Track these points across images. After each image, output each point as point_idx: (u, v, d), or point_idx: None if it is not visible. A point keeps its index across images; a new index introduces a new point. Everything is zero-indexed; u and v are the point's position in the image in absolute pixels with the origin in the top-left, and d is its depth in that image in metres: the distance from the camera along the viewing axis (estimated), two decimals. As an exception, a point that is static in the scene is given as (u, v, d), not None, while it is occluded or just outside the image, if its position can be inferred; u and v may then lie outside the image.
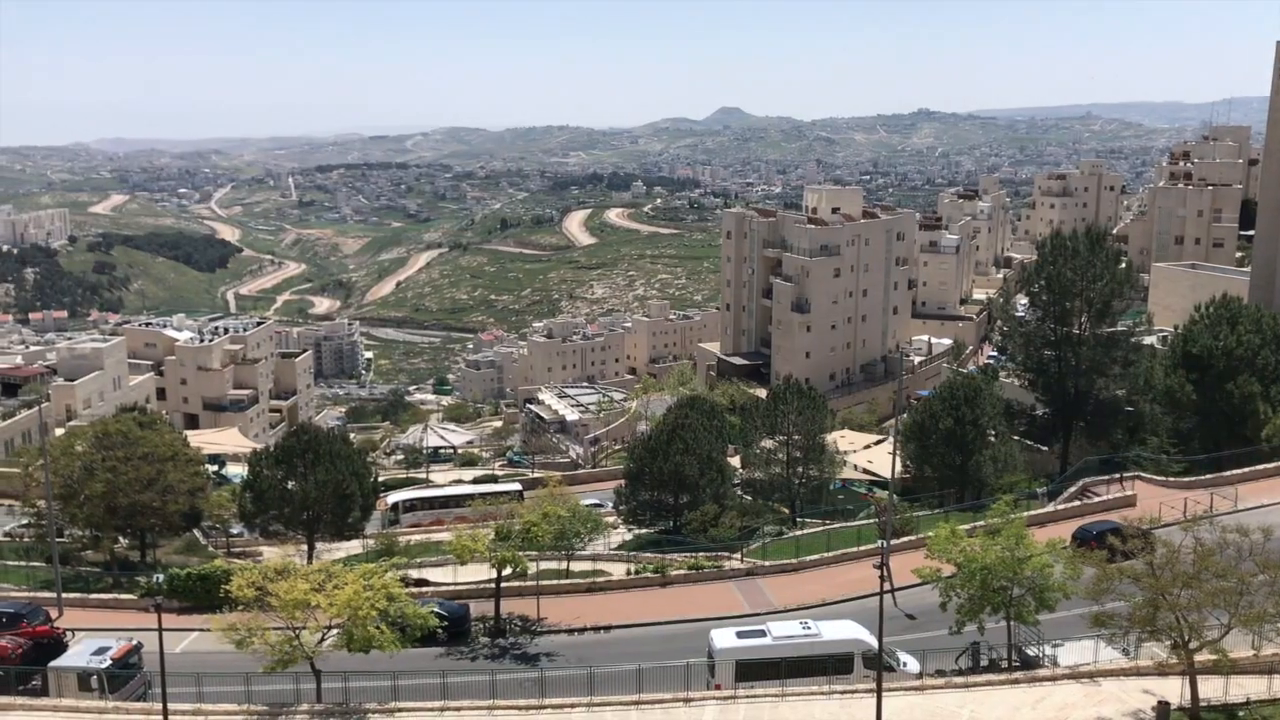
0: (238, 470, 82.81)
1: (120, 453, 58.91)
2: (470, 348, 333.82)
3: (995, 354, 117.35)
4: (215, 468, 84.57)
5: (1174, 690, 36.34)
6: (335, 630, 40.05)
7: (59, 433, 74.71)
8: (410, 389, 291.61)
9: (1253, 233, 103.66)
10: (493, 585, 50.88)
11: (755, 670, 40.00)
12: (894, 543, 54.41)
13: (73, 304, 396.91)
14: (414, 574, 56.30)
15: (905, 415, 73.86)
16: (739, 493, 72.81)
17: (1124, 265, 74.12)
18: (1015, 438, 72.81)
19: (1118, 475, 63.95)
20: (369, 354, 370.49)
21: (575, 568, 58.53)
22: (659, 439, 68.89)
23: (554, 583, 55.20)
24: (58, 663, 41.40)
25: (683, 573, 56.47)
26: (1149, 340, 75.60)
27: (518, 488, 75.14)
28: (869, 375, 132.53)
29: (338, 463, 62.65)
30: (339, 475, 61.85)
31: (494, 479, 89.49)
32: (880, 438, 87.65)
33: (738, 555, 59.71)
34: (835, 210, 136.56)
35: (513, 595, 52.41)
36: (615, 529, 68.27)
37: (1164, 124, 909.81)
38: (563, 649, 47.43)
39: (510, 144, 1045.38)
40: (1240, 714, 35.69)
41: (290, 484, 61.91)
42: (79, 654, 41.76)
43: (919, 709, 37.53)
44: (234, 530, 70.49)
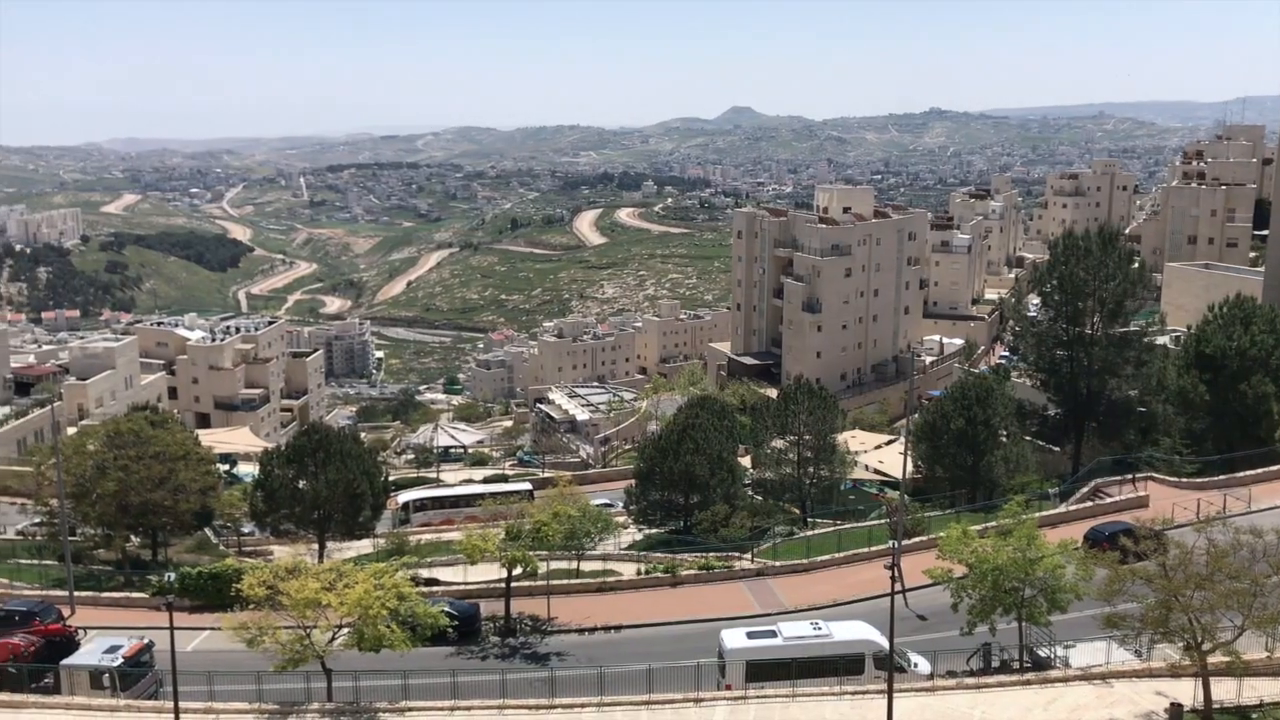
0: (249, 469, 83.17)
1: (132, 452, 59.15)
2: (481, 347, 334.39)
3: (1007, 354, 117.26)
4: (226, 467, 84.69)
5: (1187, 692, 36.19)
6: (346, 629, 40.15)
7: (71, 431, 74.91)
8: (421, 388, 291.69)
9: (1266, 232, 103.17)
10: (503, 585, 50.84)
11: (766, 671, 39.93)
12: (905, 543, 54.43)
13: (85, 303, 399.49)
14: (424, 573, 56.27)
15: (917, 415, 73.54)
16: (750, 493, 72.65)
17: (1137, 265, 73.93)
18: (1027, 438, 72.62)
19: (1130, 476, 63.52)
20: (380, 353, 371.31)
21: (585, 567, 58.54)
22: (669, 439, 68.81)
23: (564, 582, 55.19)
24: (70, 661, 41.52)
25: (693, 573, 56.41)
26: (1162, 340, 75.39)
27: (528, 487, 74.99)
28: (880, 375, 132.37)
29: (348, 462, 62.80)
30: (350, 475, 61.99)
31: (504, 478, 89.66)
32: (891, 438, 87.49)
33: (748, 555, 59.66)
34: (846, 210, 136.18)
35: (523, 595, 52.43)
36: (625, 529, 68.13)
37: (1177, 123, 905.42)
38: (573, 649, 47.42)
39: (521, 144, 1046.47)
40: (1253, 716, 35.55)
41: (301, 483, 62.12)
42: (91, 652, 41.85)
43: (930, 710, 37.44)
44: (245, 529, 70.79)
